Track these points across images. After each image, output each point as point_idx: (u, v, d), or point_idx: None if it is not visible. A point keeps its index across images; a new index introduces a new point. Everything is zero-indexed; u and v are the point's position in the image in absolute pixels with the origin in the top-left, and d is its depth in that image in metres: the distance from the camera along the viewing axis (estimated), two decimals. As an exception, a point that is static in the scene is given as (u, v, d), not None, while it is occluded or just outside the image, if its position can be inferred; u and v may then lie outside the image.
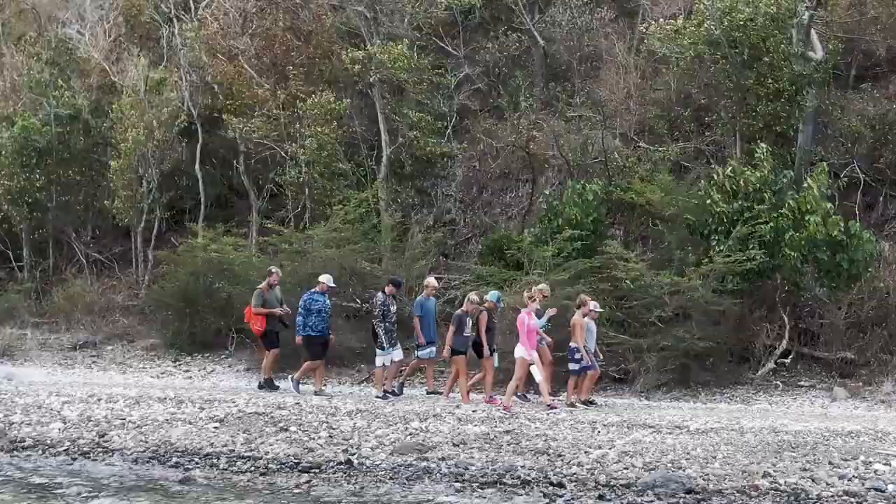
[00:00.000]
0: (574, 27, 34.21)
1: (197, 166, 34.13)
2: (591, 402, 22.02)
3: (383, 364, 23.31)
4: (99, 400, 22.90)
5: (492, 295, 22.71)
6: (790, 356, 24.18)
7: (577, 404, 21.30)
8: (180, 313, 30.80)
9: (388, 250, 29.25)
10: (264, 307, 24.15)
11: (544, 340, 21.92)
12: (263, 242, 31.33)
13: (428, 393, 23.57)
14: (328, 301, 24.22)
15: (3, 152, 34.49)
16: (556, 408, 20.66)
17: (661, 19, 29.72)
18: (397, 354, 23.45)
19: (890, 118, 28.13)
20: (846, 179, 27.42)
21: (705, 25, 26.80)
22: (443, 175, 33.36)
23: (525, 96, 33.67)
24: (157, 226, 34.63)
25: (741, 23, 26.37)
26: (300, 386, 23.95)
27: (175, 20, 36.10)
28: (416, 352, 23.83)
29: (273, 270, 25.13)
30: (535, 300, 21.45)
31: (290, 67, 32.62)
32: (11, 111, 35.50)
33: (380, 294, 23.40)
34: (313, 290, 24.02)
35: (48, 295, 34.36)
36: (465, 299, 22.92)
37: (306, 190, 31.99)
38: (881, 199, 28.13)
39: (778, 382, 23.71)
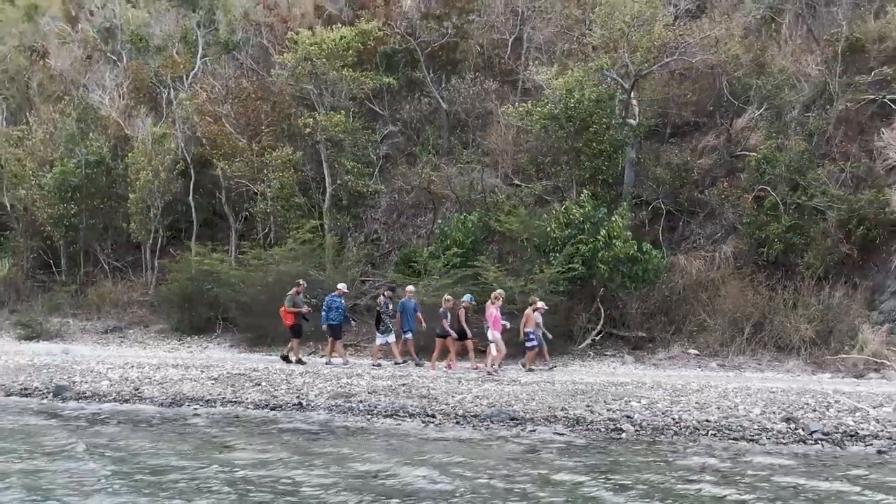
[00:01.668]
0: (469, 93, 36.05)
1: (190, 197, 36.21)
2: (553, 367, 25.37)
3: (384, 342, 26.72)
4: (131, 366, 26.25)
5: (466, 297, 25.80)
6: (601, 335, 27.61)
7: (533, 370, 24.81)
8: (181, 306, 33.44)
9: (330, 262, 31.41)
10: (294, 307, 27.16)
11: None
12: (240, 256, 33.65)
13: (403, 362, 26.31)
14: (343, 301, 27.11)
15: (47, 188, 36.69)
16: (492, 373, 24.15)
17: (518, 104, 32.24)
18: (391, 338, 26.68)
19: (690, 166, 30.88)
20: (648, 212, 30.59)
21: (548, 107, 29.95)
22: (371, 205, 35.13)
23: (429, 148, 35.54)
24: (161, 241, 36.68)
25: (573, 104, 29.40)
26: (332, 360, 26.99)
27: (172, 88, 38.00)
28: (402, 335, 26.66)
29: (301, 282, 27.71)
30: (498, 300, 24.85)
31: (261, 127, 34.59)
32: (51, 157, 37.46)
33: (381, 297, 26.91)
34: (333, 294, 27.07)
35: (83, 293, 36.52)
36: (443, 299, 25.77)
37: (271, 217, 34.19)
38: (680, 224, 31.12)
39: (591, 353, 27.22)
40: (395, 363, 26.25)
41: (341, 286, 27.28)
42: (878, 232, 27.04)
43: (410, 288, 27.01)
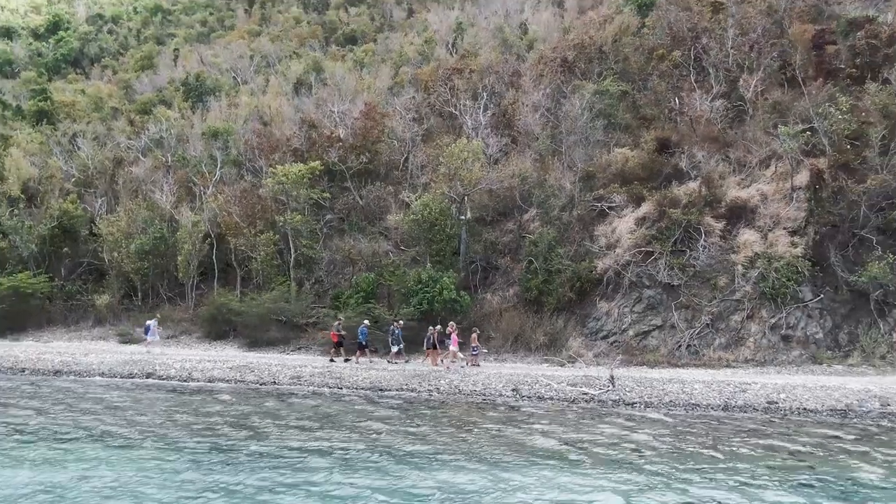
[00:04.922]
0: (377, 194, 42.08)
1: (214, 256, 41.28)
2: (478, 365, 29.49)
3: (395, 351, 30.62)
4: (184, 360, 31.89)
5: (438, 327, 29.90)
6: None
7: (477, 365, 29.13)
8: (210, 323, 38.29)
9: (294, 298, 36.73)
10: (337, 331, 31.43)
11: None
12: (243, 297, 38.58)
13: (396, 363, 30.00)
14: (367, 329, 30.81)
15: (130, 252, 41.34)
16: (450, 367, 28.48)
17: (403, 202, 38.55)
18: (394, 349, 30.57)
19: (497, 241, 37.14)
20: (472, 269, 36.79)
21: (412, 216, 36.64)
22: (318, 262, 39.61)
23: (353, 227, 40.23)
24: (196, 281, 41.55)
25: (427, 214, 35.95)
26: (353, 359, 30.79)
27: (202, 190, 43.47)
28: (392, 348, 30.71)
29: (340, 317, 32.17)
30: (454, 329, 29.51)
31: (254, 219, 39.82)
32: (132, 233, 42.46)
33: (392, 325, 30.87)
34: (363, 325, 30.92)
35: (152, 314, 39.50)
36: (429, 328, 29.64)
37: (261, 272, 39.29)
38: (490, 275, 36.67)
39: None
40: (388, 361, 31.19)
41: (367, 322, 31.47)
42: (588, 285, 33.39)
43: (401, 322, 31.39)
